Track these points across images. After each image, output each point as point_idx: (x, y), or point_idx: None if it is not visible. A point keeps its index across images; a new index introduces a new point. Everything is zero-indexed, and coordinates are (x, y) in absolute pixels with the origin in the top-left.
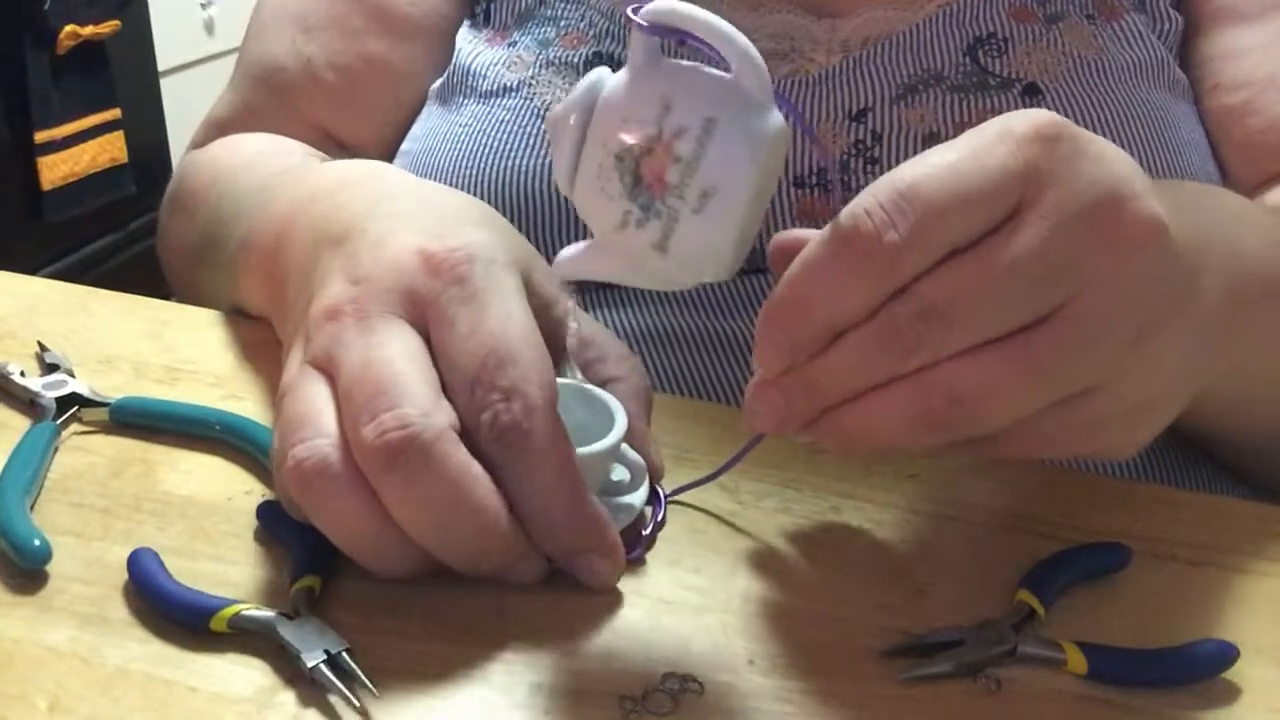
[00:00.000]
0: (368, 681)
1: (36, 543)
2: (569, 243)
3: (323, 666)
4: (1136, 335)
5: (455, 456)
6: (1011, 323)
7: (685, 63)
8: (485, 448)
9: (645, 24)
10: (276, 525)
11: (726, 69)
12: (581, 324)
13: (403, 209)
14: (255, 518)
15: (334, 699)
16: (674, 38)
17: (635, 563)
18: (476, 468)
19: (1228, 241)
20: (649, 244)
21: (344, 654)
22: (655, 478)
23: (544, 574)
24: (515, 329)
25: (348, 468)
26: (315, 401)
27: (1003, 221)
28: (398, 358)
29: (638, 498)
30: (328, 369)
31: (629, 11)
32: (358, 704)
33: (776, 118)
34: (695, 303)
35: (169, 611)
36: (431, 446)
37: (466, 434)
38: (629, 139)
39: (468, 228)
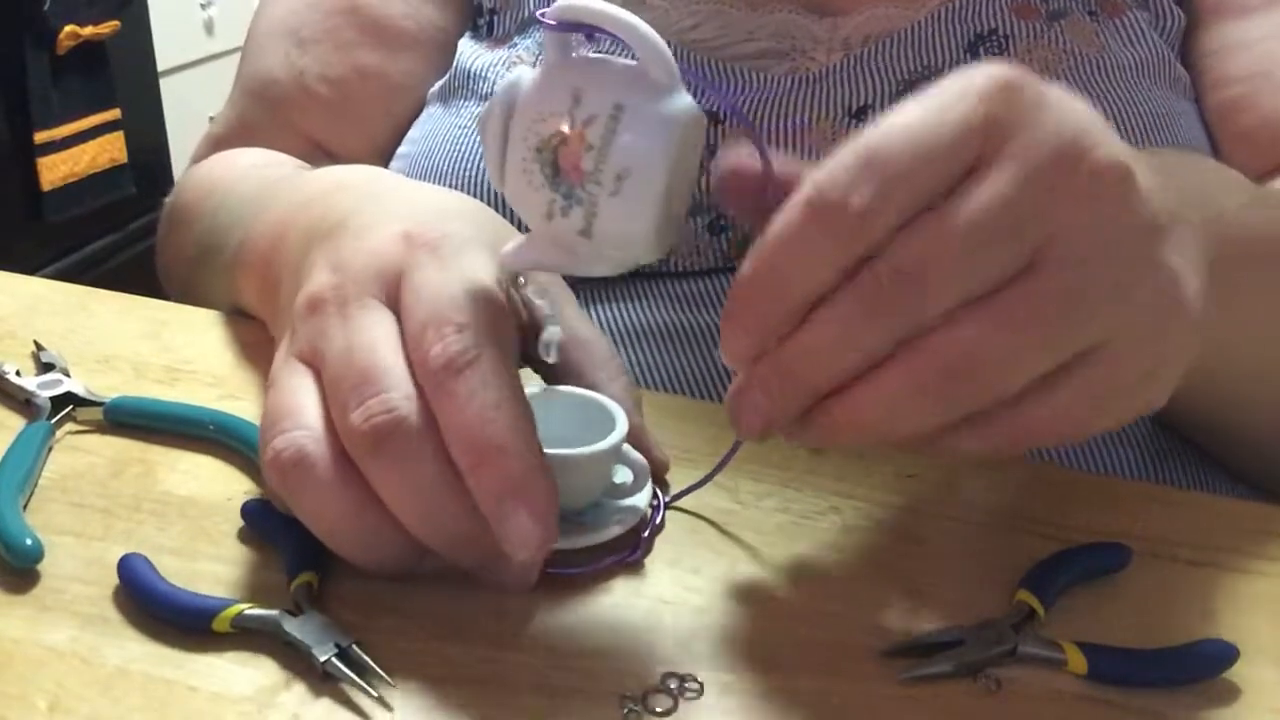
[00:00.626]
0: (381, 672)
1: (28, 541)
2: None
3: (335, 660)
4: (1126, 285)
5: (440, 438)
6: (985, 280)
7: (593, 55)
8: (431, 382)
9: (553, 22)
10: (264, 523)
11: (634, 59)
12: (573, 323)
13: (389, 206)
14: (240, 517)
15: (339, 695)
16: (582, 32)
17: (633, 565)
18: None
19: (1207, 203)
20: (575, 231)
21: (354, 647)
22: (660, 472)
23: (531, 583)
24: (479, 288)
25: (326, 459)
26: (296, 395)
27: (964, 177)
28: (380, 344)
29: (641, 499)
30: (312, 361)
31: (538, 13)
32: (375, 694)
33: (684, 100)
34: (688, 299)
35: (170, 615)
36: (417, 429)
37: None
38: (544, 131)
39: (452, 220)
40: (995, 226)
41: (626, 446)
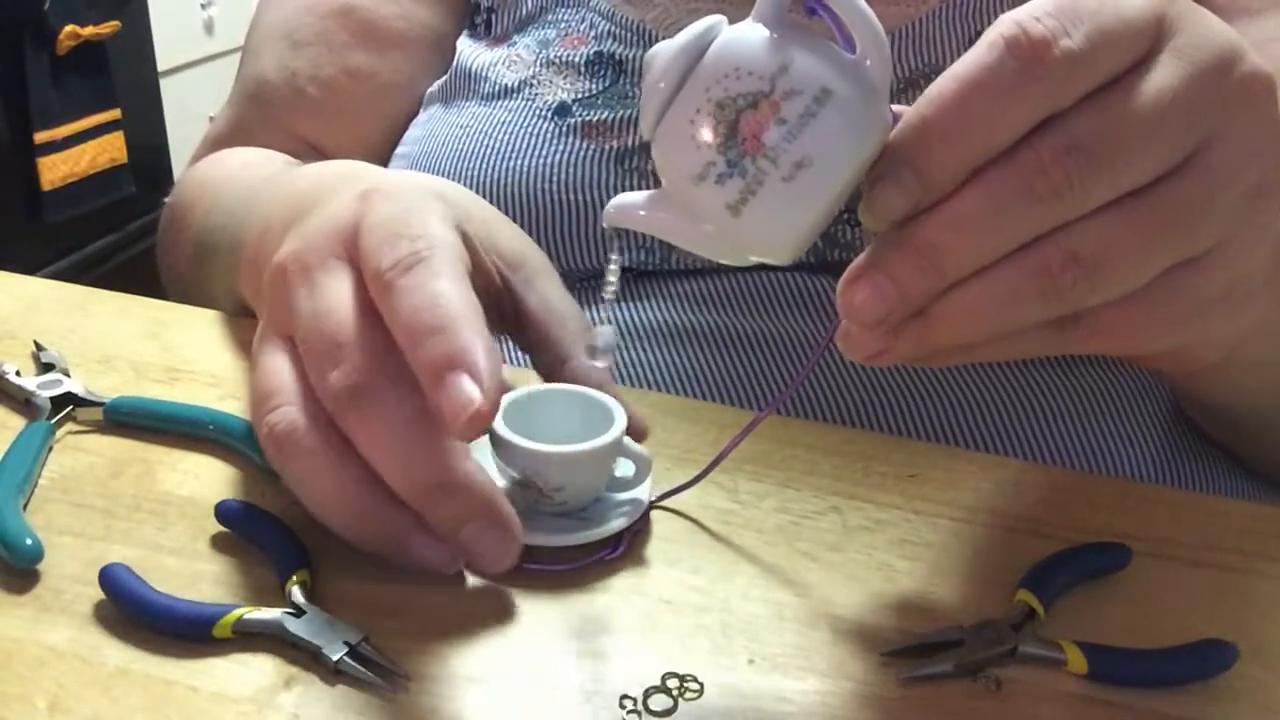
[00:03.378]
0: (394, 667)
1: (28, 541)
2: (571, 241)
3: (348, 659)
4: (1254, 193)
5: (412, 389)
6: (1146, 170)
7: (811, 32)
8: (379, 283)
9: None
10: (243, 524)
11: (850, 49)
12: (546, 294)
13: (356, 186)
14: (215, 519)
15: (340, 694)
16: (807, 4)
17: (615, 562)
18: None
19: None
20: (723, 203)
21: (364, 643)
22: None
23: (511, 558)
24: (435, 224)
25: (315, 428)
26: (279, 371)
27: (1135, 64)
28: (345, 305)
29: (644, 490)
30: (286, 331)
31: None
32: (392, 691)
33: (888, 112)
34: (692, 298)
35: (167, 625)
36: (391, 381)
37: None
38: (736, 88)
39: (409, 180)
40: (1174, 112)
41: (627, 439)
